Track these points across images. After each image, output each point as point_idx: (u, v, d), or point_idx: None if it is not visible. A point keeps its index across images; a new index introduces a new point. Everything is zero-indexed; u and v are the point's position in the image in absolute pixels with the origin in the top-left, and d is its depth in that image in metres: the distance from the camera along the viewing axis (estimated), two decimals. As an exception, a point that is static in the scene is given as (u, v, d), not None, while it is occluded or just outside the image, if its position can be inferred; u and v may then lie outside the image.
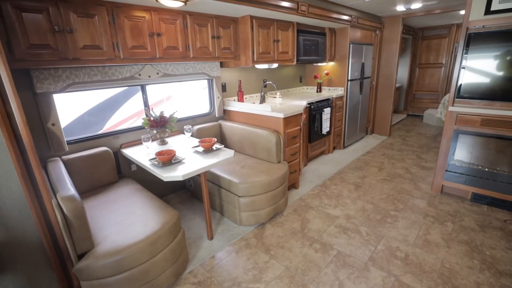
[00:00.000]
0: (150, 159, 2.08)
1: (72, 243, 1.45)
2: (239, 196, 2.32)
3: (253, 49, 2.74)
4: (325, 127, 3.73)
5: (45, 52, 1.68)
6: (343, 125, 4.19)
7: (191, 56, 2.39)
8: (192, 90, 3.34)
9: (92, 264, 1.45)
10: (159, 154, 2.05)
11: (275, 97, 3.61)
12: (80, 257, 1.49)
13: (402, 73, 6.46)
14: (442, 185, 2.79)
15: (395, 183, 3.10)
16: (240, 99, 3.15)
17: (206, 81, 3.08)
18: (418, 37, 6.21)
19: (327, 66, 4.15)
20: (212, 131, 3.04)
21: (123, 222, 1.76)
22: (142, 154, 2.24)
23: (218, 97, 3.08)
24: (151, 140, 2.24)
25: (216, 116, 3.14)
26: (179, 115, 2.96)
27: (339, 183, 3.16)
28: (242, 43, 2.75)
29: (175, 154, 2.04)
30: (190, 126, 2.48)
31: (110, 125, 3.06)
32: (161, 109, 2.49)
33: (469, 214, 2.43)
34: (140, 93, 2.60)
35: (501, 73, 2.24)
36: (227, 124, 3.05)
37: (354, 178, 3.26)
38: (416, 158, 3.87)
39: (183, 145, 2.45)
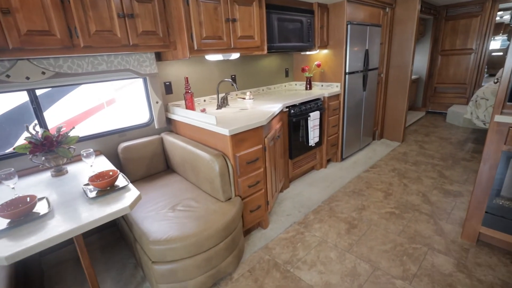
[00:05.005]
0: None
1: None
2: (152, 262, 1.50)
3: (192, 33, 1.87)
4: (313, 137, 2.82)
5: None
6: (340, 131, 3.25)
7: (82, 45, 1.56)
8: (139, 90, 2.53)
9: None
10: (6, 206, 1.26)
11: (244, 99, 2.74)
12: None
13: (421, 62, 5.34)
14: (479, 233, 1.84)
15: (406, 221, 2.17)
16: (189, 105, 2.31)
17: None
18: (441, 17, 5.06)
19: (319, 55, 3.20)
20: (149, 150, 2.22)
21: None
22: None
23: (157, 102, 2.25)
24: (15, 178, 1.43)
25: (156, 127, 2.31)
26: (110, 126, 2.17)
27: (326, 219, 2.27)
28: (176, 23, 1.88)
29: (34, 204, 1.25)
30: (91, 150, 1.66)
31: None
32: (68, 125, 1.72)
33: (528, 294, 1.49)
34: (76, 91, 1.82)
35: None
36: (168, 139, 2.22)
37: (349, 211, 2.36)
38: (438, 176, 2.89)
39: (82, 178, 1.65)
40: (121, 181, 1.52)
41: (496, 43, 8.45)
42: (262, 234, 2.12)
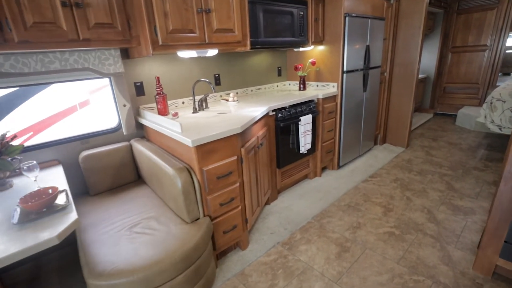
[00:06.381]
0: None
1: None
2: (94, 300, 1.25)
3: (155, 25, 1.61)
4: (305, 144, 2.54)
5: None
6: (336, 136, 2.96)
7: (16, 40, 1.31)
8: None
9: None
10: None
11: (228, 100, 2.47)
12: None
13: (429, 59, 4.98)
14: (496, 265, 1.53)
15: (407, 245, 1.87)
16: (161, 108, 2.05)
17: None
18: (453, 11, 4.68)
19: (314, 51, 2.90)
20: (115, 158, 1.98)
21: None
22: None
23: (124, 106, 2.00)
24: None
25: (125, 133, 2.06)
26: (72, 132, 1.93)
27: (314, 239, 1.99)
28: (138, 15, 1.62)
29: None
30: (34, 162, 1.41)
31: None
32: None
33: None
34: (45, 92, 1.63)
35: None
36: (137, 148, 1.97)
37: (341, 229, 2.07)
38: (446, 189, 2.57)
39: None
40: (64, 199, 1.28)
41: (512, 40, 7.92)
42: (239, 257, 1.85)
